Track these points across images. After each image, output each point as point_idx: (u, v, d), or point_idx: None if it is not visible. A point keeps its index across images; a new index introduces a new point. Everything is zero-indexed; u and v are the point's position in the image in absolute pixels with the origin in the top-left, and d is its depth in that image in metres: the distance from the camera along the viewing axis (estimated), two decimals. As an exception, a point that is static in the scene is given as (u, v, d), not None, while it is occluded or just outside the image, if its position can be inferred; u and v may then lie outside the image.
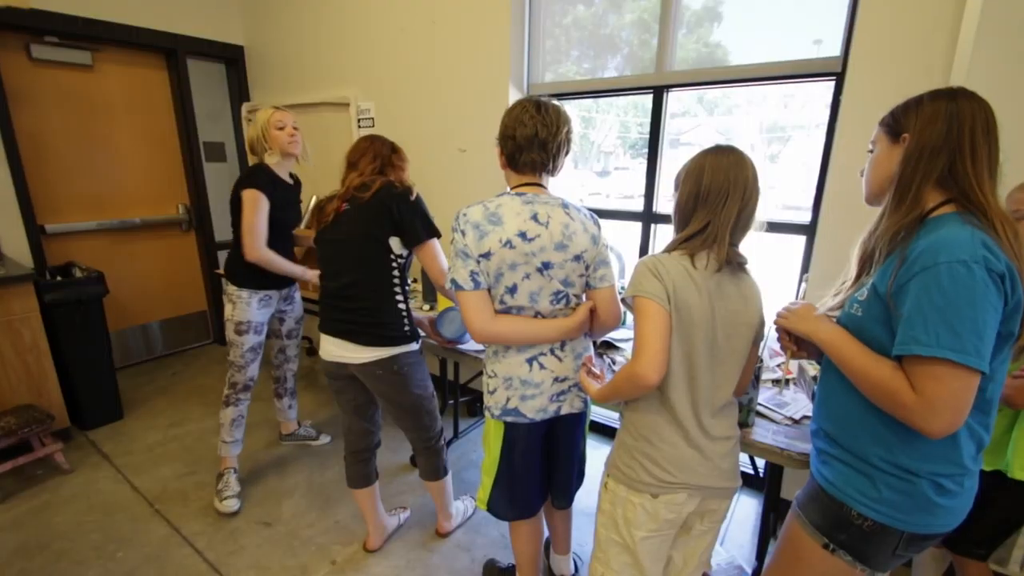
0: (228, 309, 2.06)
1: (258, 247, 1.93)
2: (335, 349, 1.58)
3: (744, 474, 2.23)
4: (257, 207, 1.92)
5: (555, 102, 1.24)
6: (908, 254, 0.82)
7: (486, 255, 1.18)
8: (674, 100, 2.15)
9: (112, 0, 2.91)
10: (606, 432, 2.64)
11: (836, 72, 1.73)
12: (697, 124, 2.82)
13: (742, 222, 1.03)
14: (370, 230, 1.51)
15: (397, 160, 1.65)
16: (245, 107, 3.58)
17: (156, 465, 2.37)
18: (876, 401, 0.86)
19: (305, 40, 3.18)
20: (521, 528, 1.50)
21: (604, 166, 4.40)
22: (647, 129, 2.18)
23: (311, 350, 3.69)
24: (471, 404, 2.88)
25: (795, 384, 1.50)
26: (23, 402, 2.35)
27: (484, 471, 1.42)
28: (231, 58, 3.54)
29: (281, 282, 2.12)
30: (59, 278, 2.56)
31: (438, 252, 1.57)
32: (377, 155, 1.59)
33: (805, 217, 1.88)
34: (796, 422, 1.33)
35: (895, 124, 0.91)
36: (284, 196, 2.05)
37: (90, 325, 2.59)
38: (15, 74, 2.71)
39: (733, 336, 1.05)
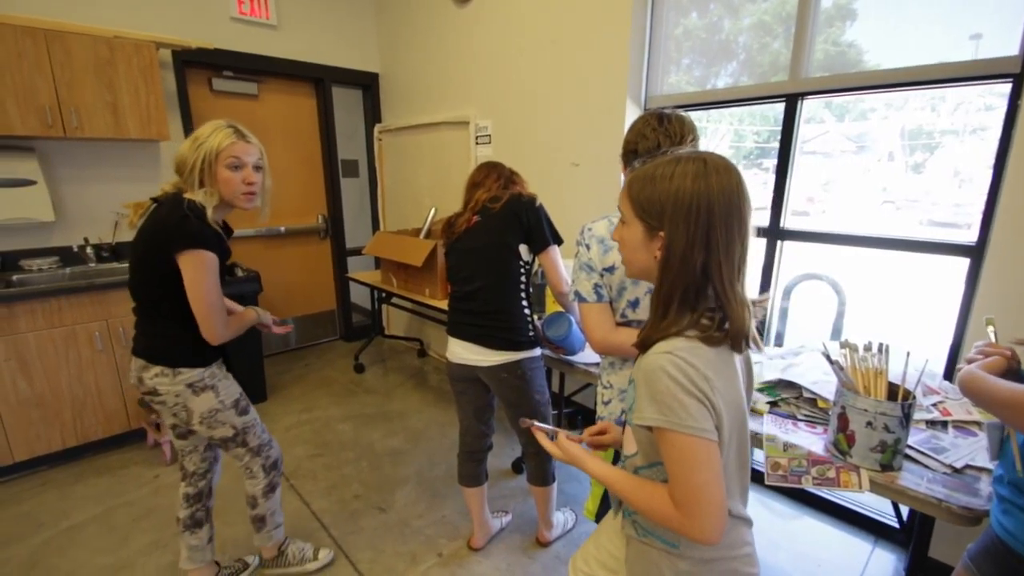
0: (208, 400, 1.49)
1: (222, 328, 1.43)
2: (463, 352, 1.69)
3: (882, 524, 1.99)
4: (211, 279, 1.37)
5: (679, 112, 1.23)
6: None
7: (609, 269, 1.20)
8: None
9: (275, 38, 3.39)
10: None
11: (1013, 73, 1.51)
12: (824, 131, 2.60)
13: (741, 261, 0.81)
14: (503, 238, 1.62)
15: (517, 179, 1.80)
16: (377, 128, 3.95)
17: (291, 445, 2.67)
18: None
19: (430, 65, 3.44)
20: (628, 546, 1.47)
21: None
22: (763, 138, 2.06)
23: (421, 351, 3.94)
24: (572, 417, 2.88)
25: (955, 428, 1.32)
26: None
27: (594, 482, 1.42)
28: (367, 84, 3.93)
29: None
30: (227, 277, 2.99)
31: (559, 258, 1.65)
32: (500, 175, 1.75)
33: (963, 236, 1.66)
34: (957, 471, 1.17)
35: None
36: (225, 250, 1.45)
37: (247, 318, 3.00)
38: (200, 103, 3.26)
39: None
